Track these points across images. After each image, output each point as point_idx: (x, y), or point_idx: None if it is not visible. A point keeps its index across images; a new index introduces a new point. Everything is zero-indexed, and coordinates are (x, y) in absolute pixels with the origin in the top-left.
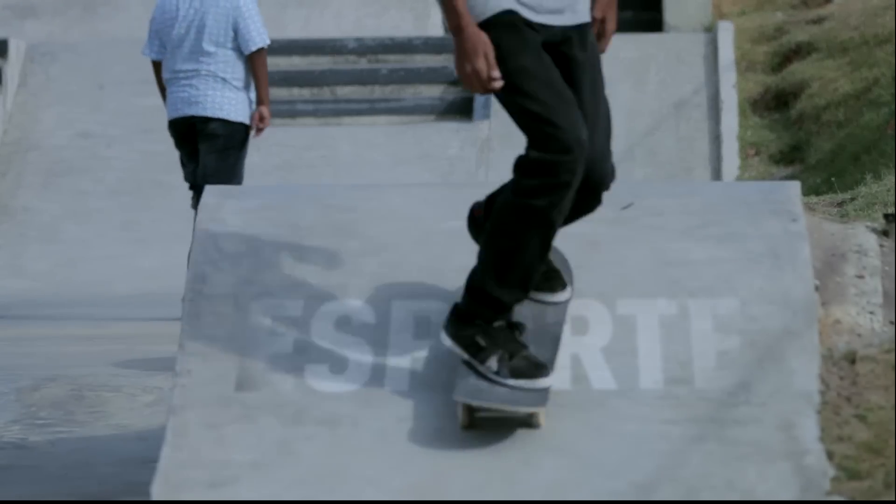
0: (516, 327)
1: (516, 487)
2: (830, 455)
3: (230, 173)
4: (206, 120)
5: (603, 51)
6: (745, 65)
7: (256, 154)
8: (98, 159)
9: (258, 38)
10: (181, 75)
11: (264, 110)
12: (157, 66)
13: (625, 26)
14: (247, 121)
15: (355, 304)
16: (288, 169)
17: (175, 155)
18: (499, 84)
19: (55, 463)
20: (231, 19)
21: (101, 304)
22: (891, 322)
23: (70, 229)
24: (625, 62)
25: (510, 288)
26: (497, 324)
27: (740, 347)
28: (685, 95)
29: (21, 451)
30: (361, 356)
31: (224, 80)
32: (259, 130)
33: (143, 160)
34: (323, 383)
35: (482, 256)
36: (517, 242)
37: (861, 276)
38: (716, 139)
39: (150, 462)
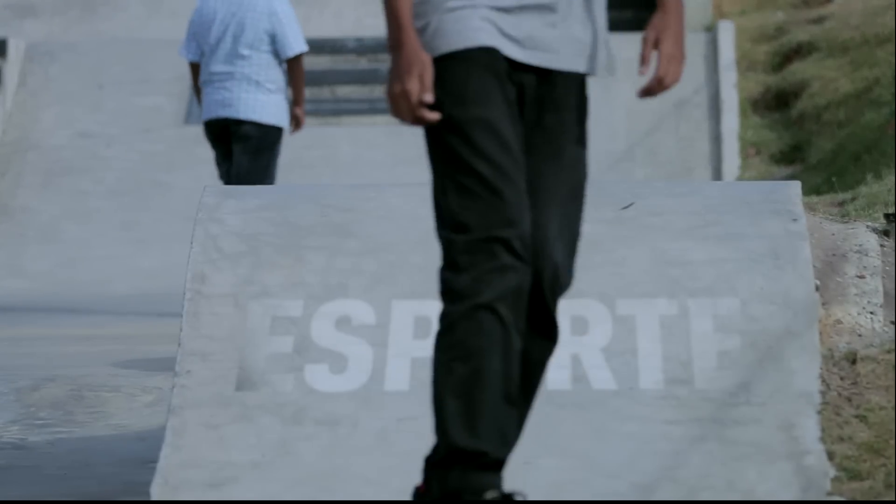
0: (513, 499)
1: (517, 487)
2: (831, 455)
3: (262, 174)
4: (239, 122)
5: (665, 84)
6: (745, 64)
7: None
8: (97, 159)
9: (296, 44)
10: (216, 78)
11: (299, 111)
12: (194, 67)
13: (625, 26)
14: (280, 123)
15: (355, 304)
16: (287, 168)
17: (174, 155)
18: (430, 116)
19: (54, 463)
20: (268, 24)
21: (100, 304)
22: (891, 322)
23: (69, 229)
24: (625, 62)
25: (486, 434)
26: (490, 495)
27: (741, 347)
28: (685, 95)
29: (20, 451)
30: (361, 356)
31: (258, 82)
32: (295, 128)
33: (142, 160)
34: (323, 383)
35: (438, 414)
36: (473, 366)
37: (862, 276)
38: (716, 139)
39: (149, 462)
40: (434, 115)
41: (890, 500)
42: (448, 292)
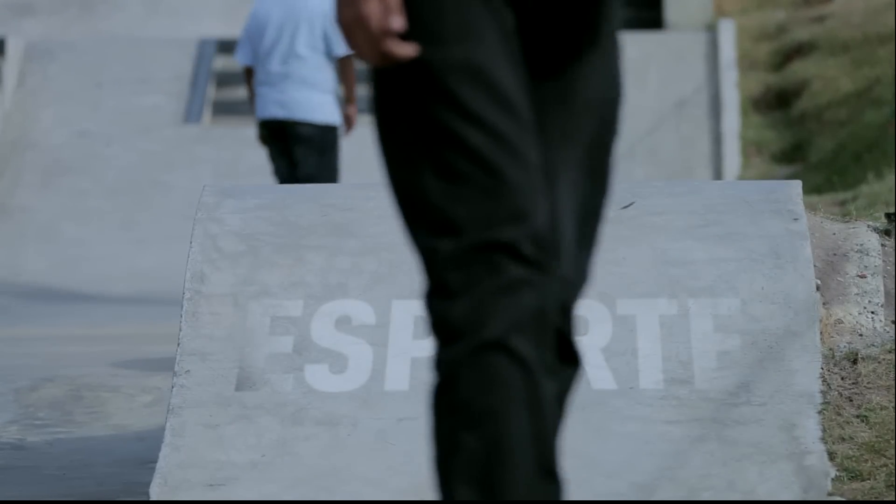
0: None
1: None
2: (832, 455)
3: (331, 173)
4: (296, 123)
5: None
6: (746, 63)
7: (256, 153)
8: (97, 158)
9: None
10: (273, 79)
11: (352, 111)
12: (248, 71)
13: (625, 24)
14: (334, 122)
15: (355, 304)
16: None
17: (174, 154)
18: (401, 50)
19: (53, 463)
20: (321, 25)
21: (100, 304)
22: (892, 322)
23: (69, 229)
24: (625, 61)
25: None
26: None
27: (741, 347)
28: (686, 94)
29: (19, 451)
30: (361, 356)
31: (313, 83)
32: (348, 128)
33: (141, 159)
34: (322, 383)
35: (443, 497)
36: (487, 435)
37: (863, 276)
38: (717, 138)
39: (148, 462)
40: (407, 50)
41: (891, 501)
42: (440, 329)
